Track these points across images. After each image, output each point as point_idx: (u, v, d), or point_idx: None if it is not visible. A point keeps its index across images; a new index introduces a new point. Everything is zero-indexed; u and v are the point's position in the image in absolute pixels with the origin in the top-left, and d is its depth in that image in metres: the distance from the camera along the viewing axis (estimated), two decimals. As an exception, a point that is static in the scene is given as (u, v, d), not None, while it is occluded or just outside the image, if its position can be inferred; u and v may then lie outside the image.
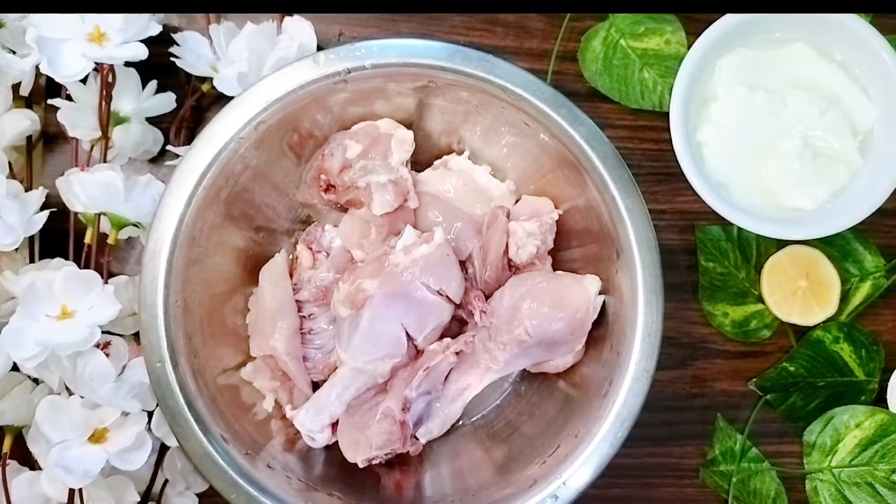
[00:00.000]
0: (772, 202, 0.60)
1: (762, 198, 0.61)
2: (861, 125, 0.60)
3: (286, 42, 0.58)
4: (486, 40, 0.65)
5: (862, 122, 0.60)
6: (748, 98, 0.60)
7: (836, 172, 0.60)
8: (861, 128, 0.61)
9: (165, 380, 0.50)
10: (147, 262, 0.51)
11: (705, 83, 0.61)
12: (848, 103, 0.60)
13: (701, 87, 0.60)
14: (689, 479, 0.65)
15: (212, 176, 0.52)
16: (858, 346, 0.64)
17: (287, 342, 0.56)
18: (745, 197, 0.60)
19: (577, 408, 0.55)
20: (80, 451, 0.52)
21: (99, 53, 0.53)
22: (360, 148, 0.56)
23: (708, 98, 0.61)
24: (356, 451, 0.55)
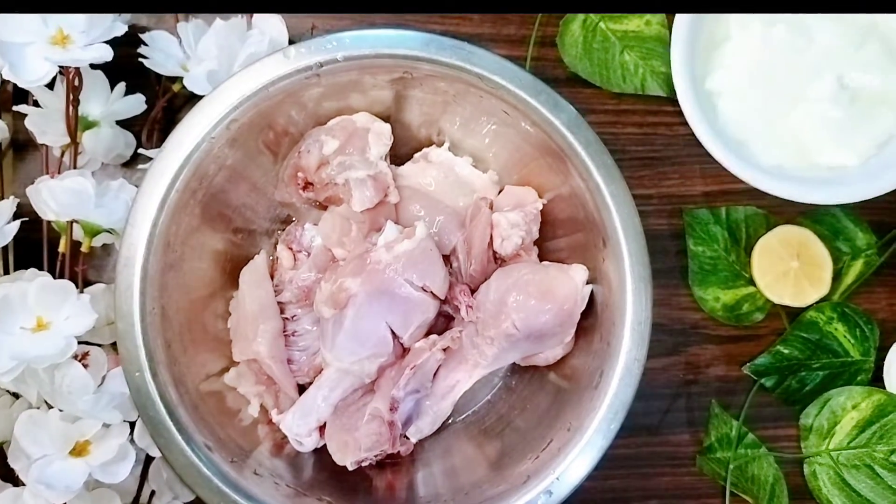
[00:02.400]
0: (804, 160, 0.51)
1: (792, 156, 0.51)
2: None
3: (256, 38, 0.57)
4: (462, 28, 0.64)
5: None
6: (766, 34, 0.50)
7: (882, 118, 0.51)
8: None
9: (145, 389, 0.49)
10: (121, 269, 0.50)
11: (714, 21, 0.51)
12: (889, 30, 0.49)
13: (709, 26, 0.51)
14: (686, 468, 0.64)
15: (185, 178, 0.51)
16: (853, 326, 0.63)
17: (270, 345, 0.55)
18: (771, 156, 0.51)
19: (569, 400, 0.54)
20: (61, 466, 0.51)
21: (63, 56, 0.52)
22: (336, 143, 0.55)
23: (718, 39, 0.52)
24: (345, 454, 0.54)
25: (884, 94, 0.50)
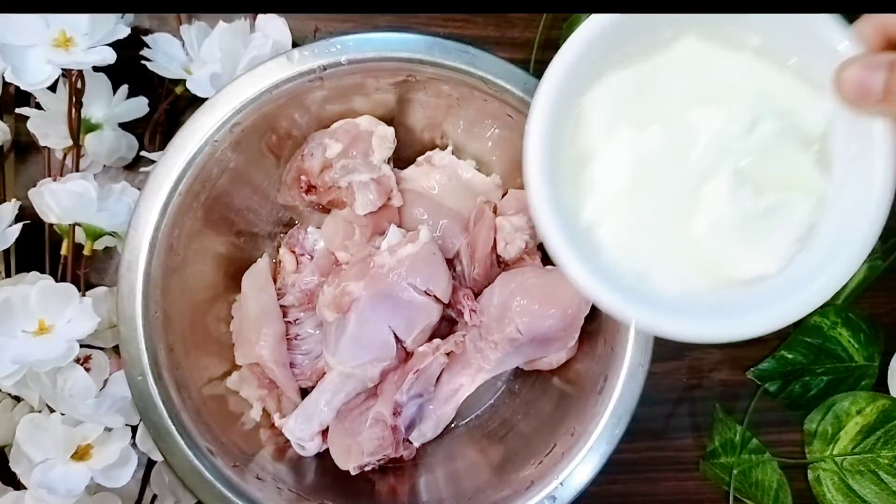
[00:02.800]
0: (716, 279, 0.40)
1: (701, 277, 0.40)
2: (811, 130, 0.39)
3: (260, 40, 0.57)
4: (466, 31, 0.64)
5: (811, 124, 0.39)
6: (639, 141, 0.39)
7: (796, 207, 0.40)
8: (812, 133, 0.39)
9: (148, 393, 0.49)
10: (124, 272, 0.49)
11: (572, 138, 0.40)
12: (784, 103, 0.39)
13: (567, 144, 0.40)
14: (690, 472, 0.64)
15: (188, 181, 0.50)
16: (857, 331, 0.63)
17: (273, 349, 0.55)
18: (677, 282, 0.40)
19: (573, 405, 0.54)
20: (63, 470, 0.51)
21: (65, 59, 0.52)
22: (340, 147, 0.55)
23: (582, 158, 0.40)
24: (348, 459, 0.54)
25: (792, 178, 0.39)
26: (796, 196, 0.39)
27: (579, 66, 0.39)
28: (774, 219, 0.39)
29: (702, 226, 0.39)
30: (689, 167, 0.39)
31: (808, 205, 0.39)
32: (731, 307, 0.40)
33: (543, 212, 0.38)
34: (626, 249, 0.40)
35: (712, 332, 0.39)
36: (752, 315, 0.39)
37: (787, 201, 0.39)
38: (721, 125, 0.38)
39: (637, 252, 0.40)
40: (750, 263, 0.40)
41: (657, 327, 0.39)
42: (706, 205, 0.39)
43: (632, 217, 0.40)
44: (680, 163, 0.39)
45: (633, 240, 0.40)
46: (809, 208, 0.39)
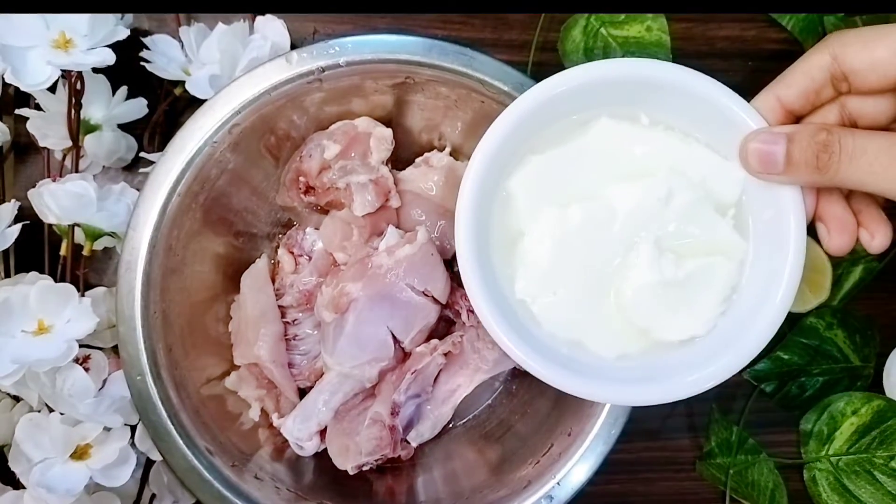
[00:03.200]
0: (648, 342, 0.43)
1: (634, 342, 0.43)
2: (725, 197, 0.42)
3: (259, 42, 0.57)
4: (463, 33, 0.64)
5: (725, 192, 0.42)
6: (562, 219, 0.42)
7: (718, 270, 0.42)
8: (728, 199, 0.42)
9: (147, 393, 0.49)
10: (123, 273, 0.50)
11: (502, 218, 0.43)
12: (697, 174, 0.42)
13: (497, 223, 0.43)
14: (686, 472, 0.64)
15: (186, 182, 0.51)
16: (852, 332, 0.63)
17: (271, 349, 0.55)
18: (612, 348, 0.43)
19: (570, 405, 0.54)
20: (62, 470, 0.51)
21: (65, 60, 0.52)
22: (338, 148, 0.55)
23: (512, 236, 0.43)
24: (346, 458, 0.54)
25: (711, 244, 0.42)
26: (717, 260, 0.42)
27: (503, 151, 0.42)
28: (698, 283, 0.42)
29: (629, 294, 0.42)
30: (612, 240, 0.42)
31: (729, 268, 0.42)
32: (664, 370, 0.42)
33: (474, 290, 0.41)
34: (560, 320, 0.43)
35: (643, 397, 0.41)
36: (682, 377, 0.41)
37: (708, 266, 0.42)
38: (638, 200, 0.41)
39: (570, 322, 0.43)
40: (678, 327, 0.42)
41: (591, 395, 0.42)
42: (631, 274, 0.42)
43: (562, 290, 0.42)
44: (603, 237, 0.42)
45: (565, 311, 0.43)
46: (731, 271, 0.42)
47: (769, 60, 0.66)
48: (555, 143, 0.43)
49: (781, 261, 0.40)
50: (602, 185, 0.42)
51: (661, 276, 0.41)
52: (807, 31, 0.65)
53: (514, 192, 0.43)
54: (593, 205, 0.42)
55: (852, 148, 0.37)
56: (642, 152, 0.42)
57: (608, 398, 0.42)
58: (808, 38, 0.65)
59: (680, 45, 0.64)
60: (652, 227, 0.42)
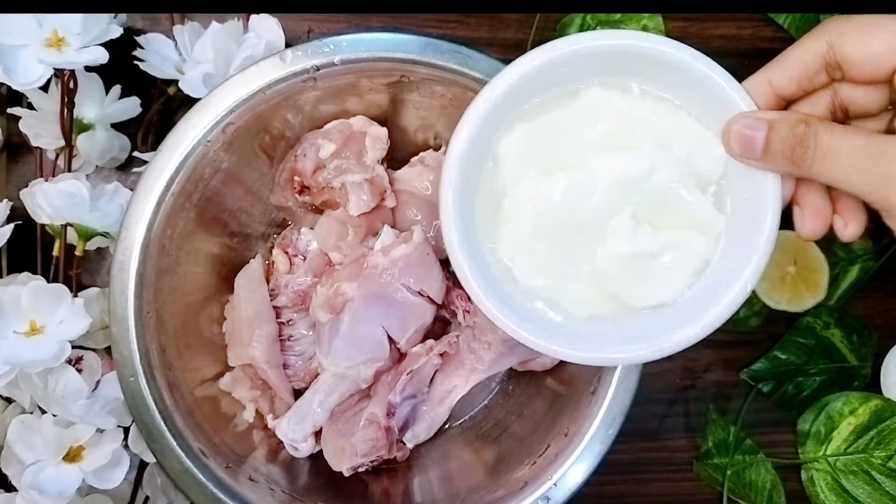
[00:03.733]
0: (619, 306, 0.44)
1: (605, 305, 0.44)
2: (708, 174, 0.42)
3: (253, 41, 0.57)
4: (459, 32, 0.64)
5: (708, 169, 0.42)
6: (546, 185, 0.43)
7: (692, 243, 0.43)
8: (710, 175, 0.42)
9: (140, 395, 0.49)
10: (116, 273, 0.49)
11: (489, 181, 0.44)
12: (683, 149, 0.42)
13: (483, 186, 0.44)
14: (683, 473, 0.64)
15: (180, 181, 0.50)
16: (849, 331, 0.63)
17: (266, 350, 0.55)
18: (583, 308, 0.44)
19: (566, 405, 0.54)
20: (54, 472, 0.50)
21: (58, 59, 0.52)
22: (333, 147, 0.54)
23: (498, 199, 0.44)
24: (341, 460, 0.54)
25: (689, 219, 0.42)
26: (693, 234, 0.43)
27: (493, 116, 0.42)
28: (672, 254, 0.43)
29: (603, 261, 0.43)
30: (592, 209, 0.42)
31: (703, 241, 0.43)
32: (629, 334, 0.43)
33: (455, 247, 0.42)
34: (539, 280, 0.44)
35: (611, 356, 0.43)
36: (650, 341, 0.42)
37: (684, 238, 0.43)
38: (620, 171, 0.42)
39: (548, 282, 0.44)
40: (647, 295, 0.43)
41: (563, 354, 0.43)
42: (608, 242, 0.43)
43: (542, 252, 0.43)
44: (583, 205, 0.42)
45: (543, 272, 0.44)
46: (705, 245, 0.43)
47: (765, 59, 0.65)
48: (544, 110, 0.43)
49: (754, 240, 0.41)
50: (587, 155, 0.43)
51: (635, 246, 0.42)
52: (803, 30, 0.64)
53: (500, 156, 0.44)
54: (576, 173, 0.42)
55: (827, 145, 0.37)
56: (630, 123, 0.42)
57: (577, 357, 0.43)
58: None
59: (676, 43, 0.64)
60: (632, 198, 0.42)
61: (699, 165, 0.42)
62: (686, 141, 0.42)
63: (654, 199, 0.42)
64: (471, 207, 0.44)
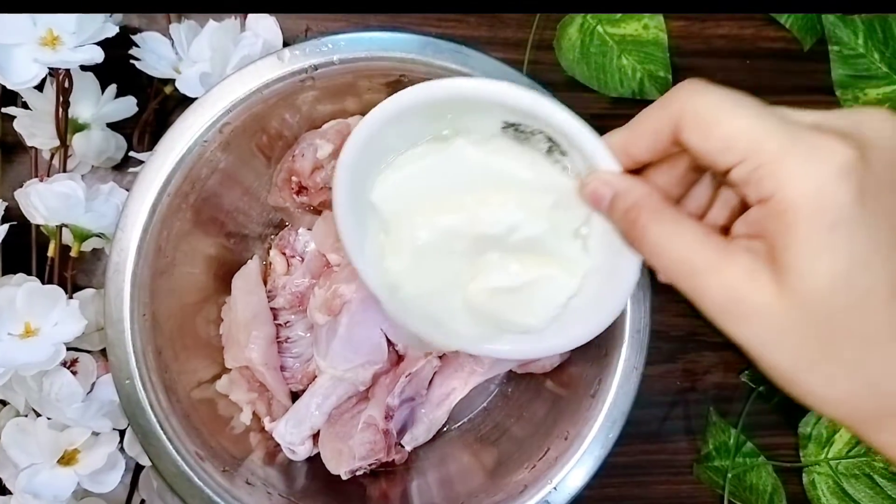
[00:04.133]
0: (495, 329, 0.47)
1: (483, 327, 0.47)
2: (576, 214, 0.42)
3: (250, 39, 0.56)
4: (458, 31, 0.63)
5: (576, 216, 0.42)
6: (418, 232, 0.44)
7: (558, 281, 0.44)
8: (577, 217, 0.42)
9: (135, 397, 0.48)
10: (111, 275, 0.49)
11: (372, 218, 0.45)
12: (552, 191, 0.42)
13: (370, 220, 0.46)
14: (684, 476, 0.64)
15: (176, 182, 0.50)
16: (851, 333, 0.63)
17: (263, 352, 0.55)
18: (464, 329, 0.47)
19: (566, 408, 0.53)
20: (49, 475, 0.50)
21: (52, 58, 0.51)
22: (331, 147, 0.54)
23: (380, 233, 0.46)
24: (339, 463, 0.54)
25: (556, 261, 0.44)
26: (559, 272, 0.44)
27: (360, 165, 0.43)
28: (538, 289, 0.44)
29: (478, 292, 0.45)
30: (465, 249, 0.44)
31: (569, 280, 0.44)
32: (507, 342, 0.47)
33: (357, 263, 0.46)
34: (422, 306, 0.46)
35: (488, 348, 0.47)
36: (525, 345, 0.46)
37: (550, 276, 0.44)
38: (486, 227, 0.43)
39: (431, 308, 0.46)
40: (517, 323, 0.45)
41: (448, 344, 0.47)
42: (480, 277, 0.45)
43: (420, 283, 0.46)
44: (455, 248, 0.44)
45: (426, 299, 0.46)
46: (570, 283, 0.44)
47: (767, 58, 0.65)
48: (415, 158, 0.44)
49: (616, 283, 0.42)
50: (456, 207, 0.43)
51: (505, 282, 0.44)
52: (805, 29, 0.64)
53: (375, 204, 0.45)
54: (451, 218, 0.43)
55: (654, 242, 0.35)
56: (497, 175, 0.43)
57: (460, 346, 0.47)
58: (806, 35, 0.64)
59: (677, 43, 0.64)
60: (499, 245, 0.43)
61: (567, 208, 0.42)
62: (555, 185, 0.42)
63: (520, 245, 0.43)
64: (364, 232, 0.46)
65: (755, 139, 0.31)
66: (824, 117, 0.33)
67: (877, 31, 0.64)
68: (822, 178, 0.30)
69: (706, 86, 0.34)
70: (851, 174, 0.30)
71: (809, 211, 0.30)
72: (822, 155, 0.30)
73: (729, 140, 0.32)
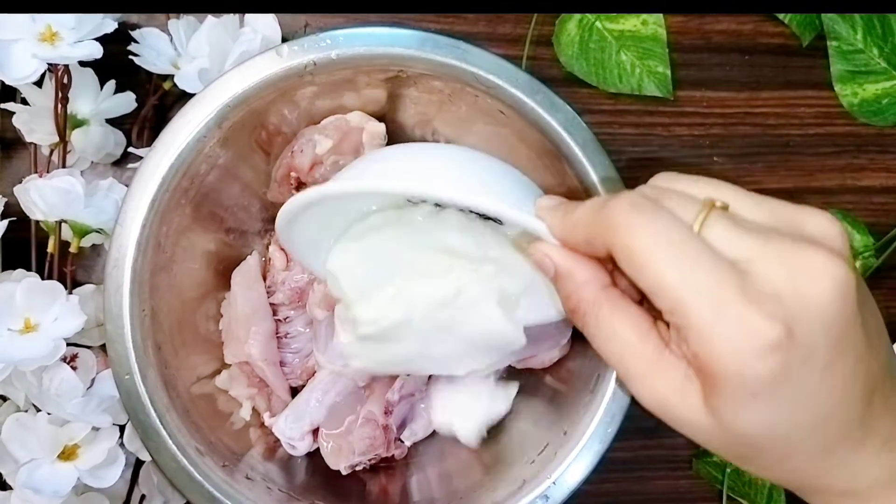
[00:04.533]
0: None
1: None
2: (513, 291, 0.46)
3: (249, 35, 0.56)
4: (457, 27, 0.63)
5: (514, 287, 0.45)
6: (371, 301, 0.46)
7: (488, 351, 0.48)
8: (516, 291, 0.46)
9: (135, 393, 0.48)
10: (110, 270, 0.49)
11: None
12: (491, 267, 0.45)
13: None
14: (683, 471, 0.64)
15: (175, 177, 0.50)
16: (850, 328, 0.63)
17: (262, 347, 0.55)
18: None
19: (565, 404, 0.54)
20: (49, 470, 0.50)
21: (51, 54, 0.51)
22: (330, 143, 0.54)
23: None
24: (339, 458, 0.54)
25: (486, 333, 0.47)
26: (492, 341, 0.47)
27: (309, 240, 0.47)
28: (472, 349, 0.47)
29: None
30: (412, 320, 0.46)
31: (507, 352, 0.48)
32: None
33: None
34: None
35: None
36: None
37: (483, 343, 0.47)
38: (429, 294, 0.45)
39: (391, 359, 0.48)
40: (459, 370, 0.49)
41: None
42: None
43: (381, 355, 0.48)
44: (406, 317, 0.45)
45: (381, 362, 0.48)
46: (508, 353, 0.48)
47: (766, 55, 0.65)
48: (373, 228, 0.46)
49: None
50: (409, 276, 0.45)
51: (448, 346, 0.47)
52: (804, 25, 0.64)
53: (332, 272, 0.47)
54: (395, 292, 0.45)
55: (592, 335, 0.36)
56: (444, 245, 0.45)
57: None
58: (805, 31, 0.64)
59: (676, 38, 0.64)
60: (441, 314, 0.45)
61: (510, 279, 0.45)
62: (495, 262, 0.44)
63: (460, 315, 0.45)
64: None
65: (682, 300, 0.31)
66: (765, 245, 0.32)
67: (875, 27, 0.64)
68: (744, 357, 0.30)
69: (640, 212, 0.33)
70: (776, 353, 0.30)
71: (732, 382, 0.31)
72: (746, 334, 0.30)
73: (658, 289, 0.32)
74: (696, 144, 0.64)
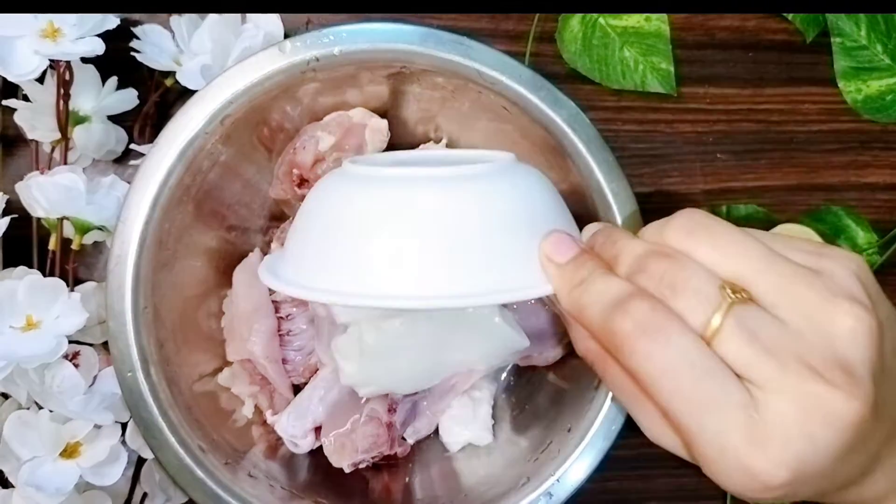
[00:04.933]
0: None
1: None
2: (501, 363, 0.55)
3: (251, 32, 0.56)
4: (460, 23, 0.63)
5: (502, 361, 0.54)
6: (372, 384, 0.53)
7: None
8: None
9: (137, 390, 0.48)
10: (113, 267, 0.48)
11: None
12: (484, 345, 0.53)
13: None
14: (687, 469, 0.63)
15: (178, 174, 0.49)
16: (854, 325, 0.63)
17: (265, 345, 0.54)
18: None
19: (569, 401, 0.53)
20: (52, 468, 0.50)
21: (53, 50, 0.51)
22: (332, 139, 0.54)
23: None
24: (342, 456, 0.54)
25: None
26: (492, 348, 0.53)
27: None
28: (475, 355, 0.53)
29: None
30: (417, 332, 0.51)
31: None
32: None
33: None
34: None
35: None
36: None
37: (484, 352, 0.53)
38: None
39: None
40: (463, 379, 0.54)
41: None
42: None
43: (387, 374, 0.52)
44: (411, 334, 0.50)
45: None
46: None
47: (770, 51, 0.65)
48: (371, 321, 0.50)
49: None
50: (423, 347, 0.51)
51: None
52: (808, 21, 0.64)
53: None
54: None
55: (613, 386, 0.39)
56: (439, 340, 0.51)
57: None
58: (808, 27, 0.64)
59: (679, 35, 0.64)
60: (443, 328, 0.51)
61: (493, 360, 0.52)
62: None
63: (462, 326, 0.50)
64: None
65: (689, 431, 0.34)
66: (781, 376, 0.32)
67: (879, 23, 0.64)
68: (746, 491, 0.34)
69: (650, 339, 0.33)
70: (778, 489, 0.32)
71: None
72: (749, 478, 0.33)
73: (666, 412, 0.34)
74: (700, 141, 0.64)
